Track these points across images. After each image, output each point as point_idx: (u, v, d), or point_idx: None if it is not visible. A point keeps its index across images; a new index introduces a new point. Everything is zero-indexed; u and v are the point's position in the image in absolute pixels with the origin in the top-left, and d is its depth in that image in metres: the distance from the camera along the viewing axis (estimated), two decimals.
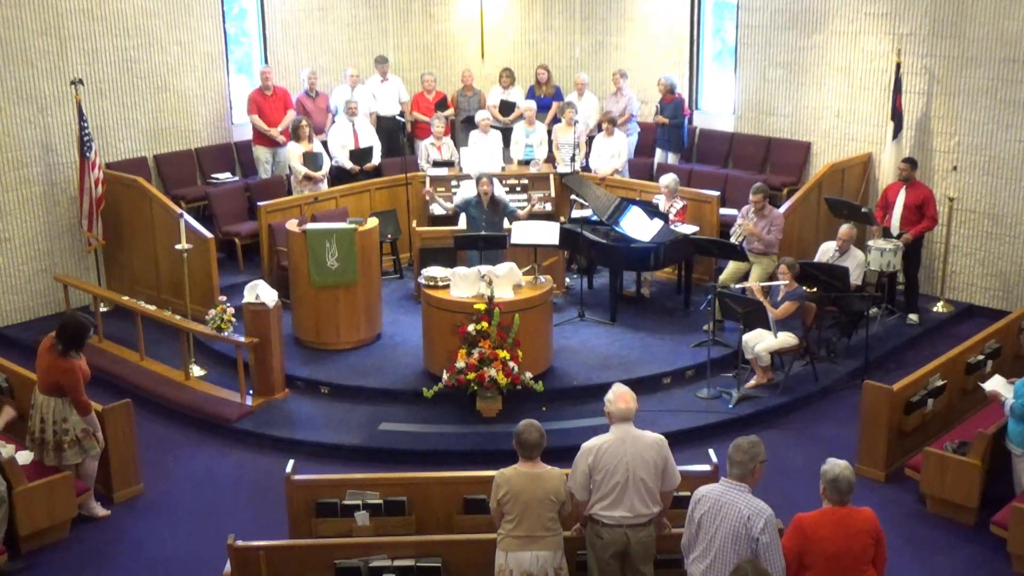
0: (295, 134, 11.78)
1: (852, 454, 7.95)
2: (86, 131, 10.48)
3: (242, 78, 13.27)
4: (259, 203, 11.12)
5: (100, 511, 7.66)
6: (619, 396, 5.76)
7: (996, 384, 7.49)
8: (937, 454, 7.50)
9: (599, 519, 5.72)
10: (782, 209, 10.74)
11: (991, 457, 7.39)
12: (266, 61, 13.00)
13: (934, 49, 11.03)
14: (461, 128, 13.48)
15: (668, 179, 10.96)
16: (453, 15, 14.49)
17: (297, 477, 6.77)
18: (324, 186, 11.89)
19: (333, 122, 12.79)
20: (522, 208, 11.43)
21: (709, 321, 9.79)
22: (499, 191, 10.95)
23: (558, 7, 14.37)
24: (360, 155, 12.38)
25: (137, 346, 10.03)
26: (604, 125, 12.31)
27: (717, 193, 11.36)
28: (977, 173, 10.94)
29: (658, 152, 13.06)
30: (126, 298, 10.25)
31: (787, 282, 9.18)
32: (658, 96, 12.92)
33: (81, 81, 10.59)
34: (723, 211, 11.34)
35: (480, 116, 12.69)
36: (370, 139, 12.57)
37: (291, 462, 6.87)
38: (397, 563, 6.06)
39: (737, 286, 9.89)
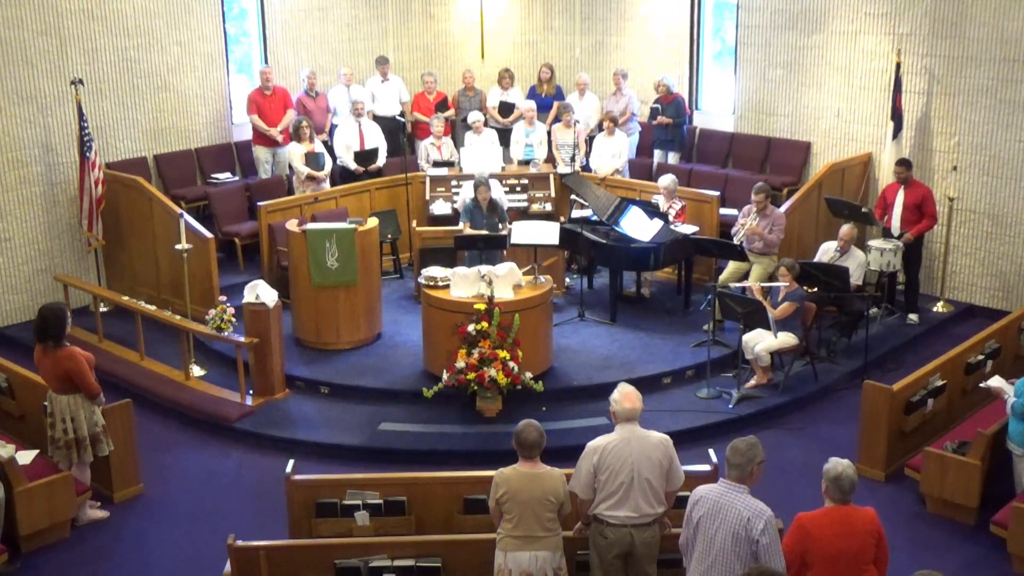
0: (296, 134, 11.78)
1: (852, 454, 7.94)
2: (86, 131, 10.48)
3: (242, 78, 13.27)
4: (259, 203, 11.12)
5: (99, 514, 7.66)
6: (625, 396, 5.75)
7: (997, 382, 7.49)
8: (937, 454, 7.50)
9: (604, 519, 5.71)
10: (782, 209, 10.74)
11: (991, 457, 7.39)
12: (266, 61, 13.00)
13: (934, 49, 11.03)
14: (462, 128, 13.48)
15: (667, 180, 10.96)
16: (453, 15, 14.49)
17: (297, 477, 6.77)
18: (327, 185, 11.90)
19: (334, 125, 12.78)
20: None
21: (709, 321, 9.79)
22: (496, 193, 10.95)
23: (558, 7, 14.37)
24: (365, 156, 12.37)
25: (137, 346, 10.04)
26: (605, 125, 12.31)
27: (717, 193, 11.36)
28: (977, 173, 10.94)
29: (657, 153, 13.06)
30: (126, 298, 10.26)
31: (787, 283, 9.18)
32: (654, 97, 12.88)
33: (81, 81, 10.59)
34: (723, 211, 11.33)
35: (473, 117, 12.68)
36: (376, 140, 12.55)
37: (291, 462, 6.87)
38: (397, 563, 6.06)
39: (737, 285, 9.90)
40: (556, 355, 9.57)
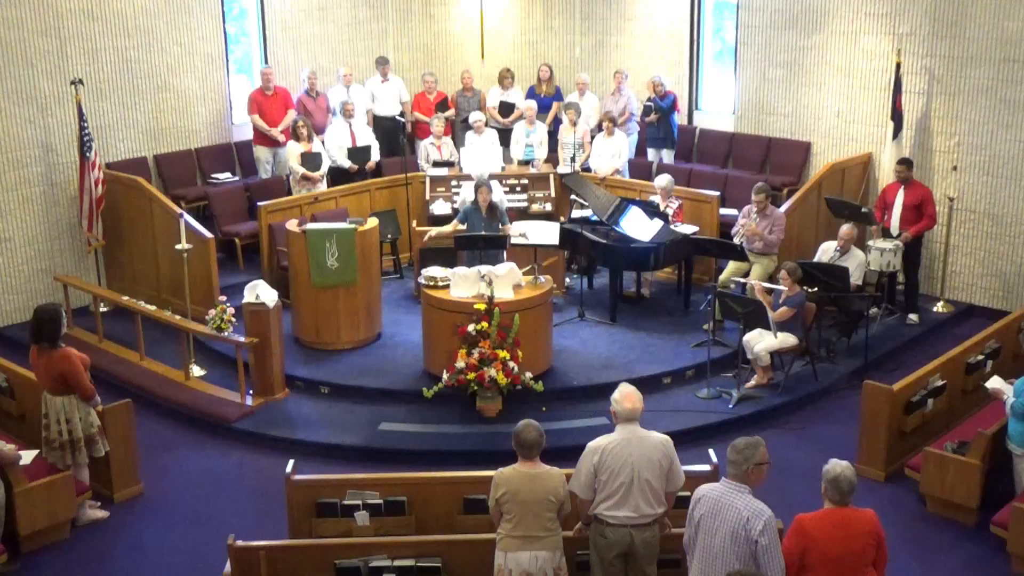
0: (294, 134, 11.80)
1: (852, 454, 7.95)
2: (86, 131, 10.48)
3: (242, 78, 13.27)
4: (259, 203, 11.12)
5: (99, 514, 7.66)
6: (625, 396, 5.75)
7: (996, 384, 7.49)
8: (937, 454, 7.50)
9: (603, 519, 5.71)
10: (782, 209, 10.74)
11: (991, 457, 7.39)
12: (266, 61, 13.00)
13: (934, 49, 11.03)
14: (461, 128, 13.49)
15: (663, 180, 10.97)
16: (453, 15, 14.49)
17: (297, 477, 6.78)
18: (323, 186, 11.89)
19: (331, 123, 12.80)
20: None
21: (709, 321, 9.79)
22: (497, 195, 10.94)
23: (558, 7, 14.37)
24: (358, 154, 12.38)
25: (137, 346, 10.03)
26: (605, 125, 12.31)
27: (717, 193, 11.36)
28: (977, 173, 10.94)
29: (650, 152, 13.05)
30: (126, 298, 10.25)
31: (787, 287, 9.16)
32: (647, 95, 12.85)
33: (81, 81, 10.59)
34: (723, 211, 11.33)
35: (474, 117, 12.69)
36: (367, 139, 12.58)
37: (291, 462, 6.87)
38: (397, 563, 6.06)
39: (739, 280, 9.91)
40: (556, 355, 9.57)
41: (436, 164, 12.40)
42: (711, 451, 6.84)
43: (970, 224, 11.06)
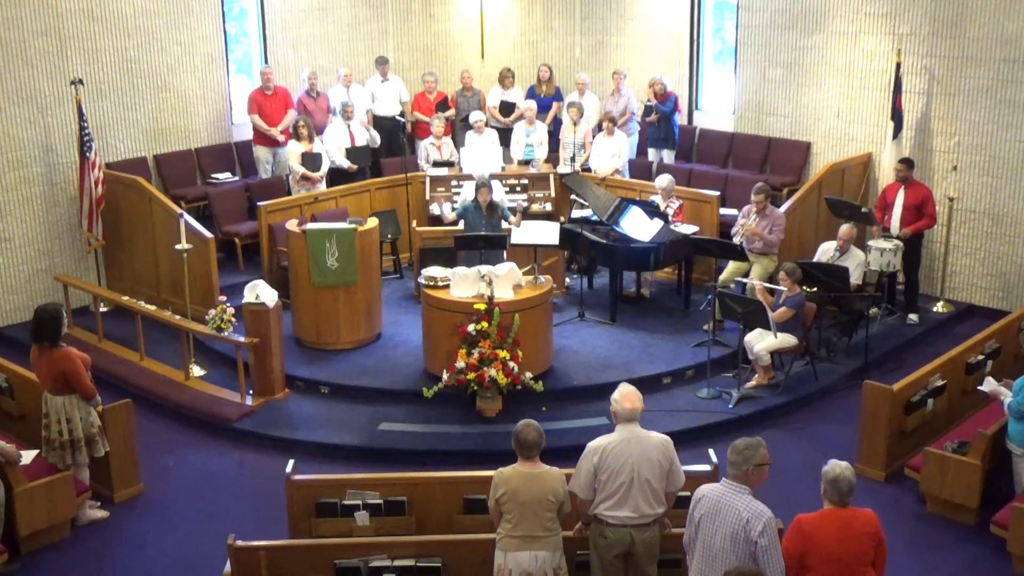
0: (295, 134, 11.80)
1: (852, 454, 7.96)
2: (86, 131, 10.48)
3: (242, 78, 13.27)
4: (259, 203, 11.12)
5: (99, 514, 7.66)
6: (625, 396, 5.75)
7: (989, 387, 7.48)
8: (937, 454, 7.50)
9: (604, 519, 5.71)
10: (782, 209, 10.74)
11: (991, 457, 7.39)
12: (266, 61, 13.00)
13: (934, 49, 11.04)
14: (461, 128, 13.49)
15: (664, 180, 10.98)
16: (453, 15, 14.49)
17: (297, 477, 6.78)
18: (322, 187, 11.89)
19: (330, 124, 12.80)
20: (515, 208, 11.48)
21: (709, 321, 9.79)
22: (497, 194, 10.95)
23: (558, 7, 14.37)
24: (357, 153, 12.37)
25: (137, 346, 10.03)
26: (604, 125, 12.31)
27: (717, 193, 11.36)
28: (977, 173, 10.94)
29: (651, 152, 13.05)
30: (126, 298, 10.26)
31: (787, 288, 9.16)
32: (647, 96, 12.84)
33: (81, 81, 10.59)
34: (723, 211, 11.33)
35: (474, 117, 12.69)
36: (365, 139, 12.58)
37: (291, 462, 6.87)
38: (397, 563, 6.06)
39: (740, 279, 9.91)
40: (556, 355, 9.57)
41: (436, 164, 12.40)
42: (711, 451, 6.84)
43: (970, 224, 11.06)
